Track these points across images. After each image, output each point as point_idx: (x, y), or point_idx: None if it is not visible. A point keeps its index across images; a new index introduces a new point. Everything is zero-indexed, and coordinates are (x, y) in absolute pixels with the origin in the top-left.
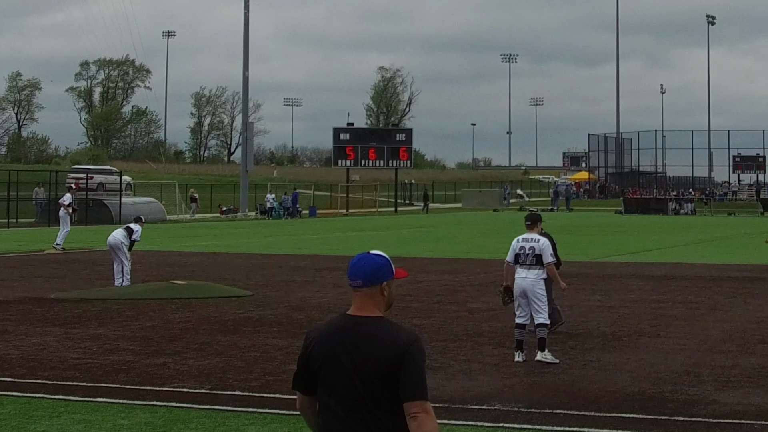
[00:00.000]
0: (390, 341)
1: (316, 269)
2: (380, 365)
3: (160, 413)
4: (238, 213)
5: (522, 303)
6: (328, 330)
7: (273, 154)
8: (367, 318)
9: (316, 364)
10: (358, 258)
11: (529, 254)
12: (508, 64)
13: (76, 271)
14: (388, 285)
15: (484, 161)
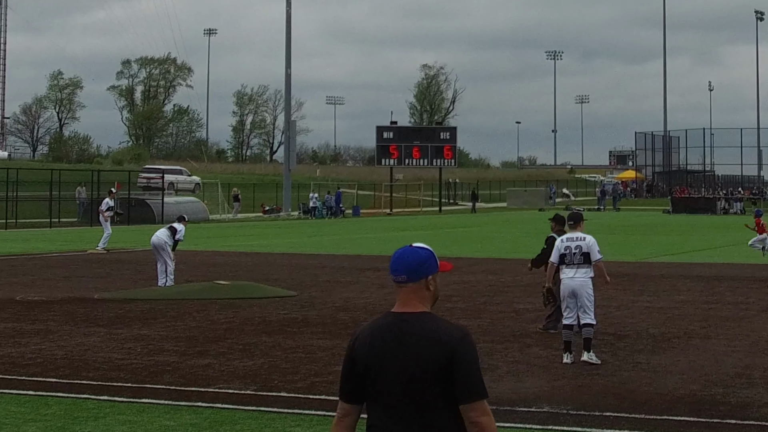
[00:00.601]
0: (438, 338)
1: (360, 269)
2: (429, 364)
3: (206, 414)
4: (281, 212)
5: (570, 304)
6: (372, 329)
7: (315, 153)
8: (412, 314)
9: (361, 367)
10: (401, 251)
11: (576, 253)
12: (553, 61)
13: (119, 271)
14: (433, 278)
15: (529, 160)
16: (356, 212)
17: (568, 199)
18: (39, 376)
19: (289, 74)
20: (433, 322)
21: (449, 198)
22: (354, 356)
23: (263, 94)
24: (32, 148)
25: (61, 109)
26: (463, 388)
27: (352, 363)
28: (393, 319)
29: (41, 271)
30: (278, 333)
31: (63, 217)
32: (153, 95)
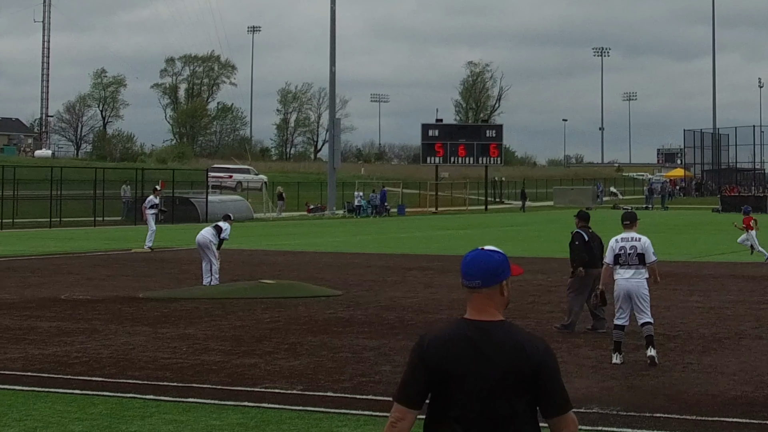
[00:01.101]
0: (523, 350)
1: (405, 269)
2: (512, 377)
3: (252, 414)
4: (325, 211)
5: (624, 305)
6: (449, 337)
7: (360, 151)
8: (490, 323)
9: (436, 376)
10: (473, 255)
11: (631, 254)
12: (600, 57)
13: (163, 269)
14: (507, 283)
15: (575, 158)
16: (401, 211)
17: (616, 198)
18: (85, 375)
19: (333, 72)
20: (515, 333)
21: (495, 196)
22: (427, 361)
23: (307, 92)
24: (76, 147)
25: (105, 107)
26: (551, 402)
27: (424, 368)
28: (471, 328)
29: (86, 270)
30: (324, 332)
31: (107, 215)
32: (197, 93)
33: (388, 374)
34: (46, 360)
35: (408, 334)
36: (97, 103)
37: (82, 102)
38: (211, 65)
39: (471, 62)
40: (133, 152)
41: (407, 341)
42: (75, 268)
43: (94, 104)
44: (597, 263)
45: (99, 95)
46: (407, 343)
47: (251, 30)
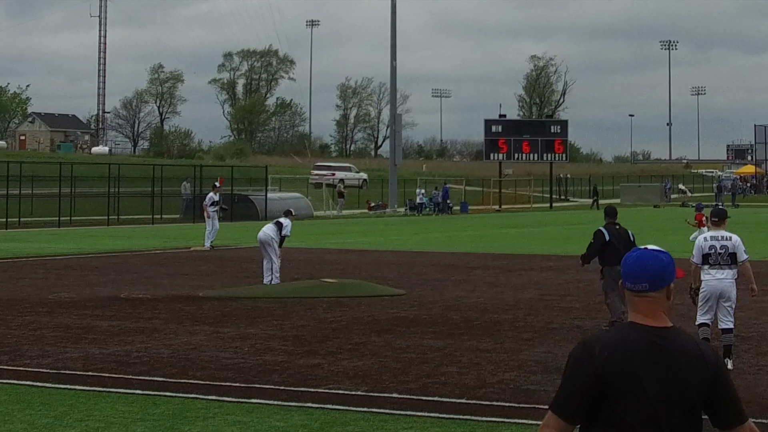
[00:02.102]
0: (703, 360)
1: (469, 267)
2: (694, 389)
3: (316, 415)
4: (386, 209)
5: (711, 305)
6: (622, 343)
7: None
8: (664, 330)
9: (608, 386)
10: (638, 255)
11: (722, 253)
12: (667, 51)
13: (223, 268)
14: (673, 287)
15: (642, 154)
16: (464, 208)
17: (684, 195)
18: (146, 375)
19: (394, 66)
20: (688, 340)
21: (560, 194)
22: (600, 371)
23: (367, 87)
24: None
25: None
26: (731, 412)
27: (596, 379)
28: (645, 335)
29: (145, 269)
30: (388, 332)
31: (165, 213)
32: (255, 89)
33: (453, 375)
34: (106, 359)
35: (473, 335)
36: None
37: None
38: (269, 60)
39: (534, 56)
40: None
41: (473, 342)
42: (134, 267)
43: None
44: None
45: (156, 91)
46: (473, 343)
47: (310, 24)
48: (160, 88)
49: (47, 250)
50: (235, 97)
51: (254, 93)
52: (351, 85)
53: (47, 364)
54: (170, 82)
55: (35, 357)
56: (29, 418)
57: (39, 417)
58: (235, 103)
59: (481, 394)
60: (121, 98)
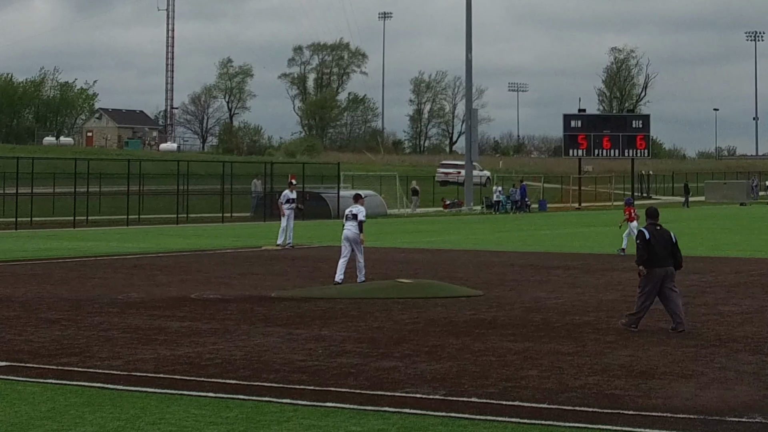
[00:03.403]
0: None
1: (549, 267)
2: None
3: (393, 420)
4: (462, 207)
5: None
6: None
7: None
8: None
9: None
10: None
11: None
12: (753, 42)
13: (295, 268)
14: None
15: (728, 150)
16: (542, 206)
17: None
18: (218, 378)
19: (469, 59)
20: None
21: (642, 191)
22: None
23: (441, 81)
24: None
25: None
26: None
27: None
28: None
29: (215, 268)
30: (466, 335)
31: (235, 211)
32: (326, 83)
33: (534, 379)
34: (177, 361)
35: (554, 337)
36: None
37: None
38: (340, 53)
39: (615, 48)
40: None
41: (554, 344)
42: (204, 266)
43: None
44: (661, 261)
45: (225, 86)
46: (554, 346)
47: (382, 16)
48: (229, 83)
49: (115, 249)
50: (306, 92)
51: (325, 88)
52: (425, 79)
53: (118, 365)
54: (239, 76)
55: (105, 358)
56: (100, 420)
57: (110, 420)
58: (305, 98)
59: (563, 398)
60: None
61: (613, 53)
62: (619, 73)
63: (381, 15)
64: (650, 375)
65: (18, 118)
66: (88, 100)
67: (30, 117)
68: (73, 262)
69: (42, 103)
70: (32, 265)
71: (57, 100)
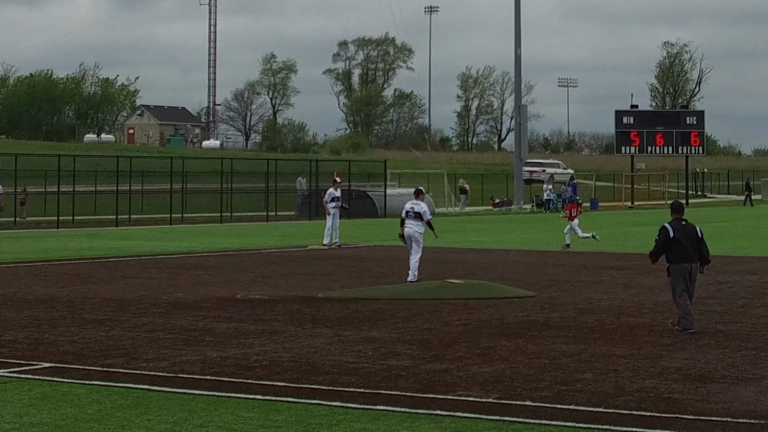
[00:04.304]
0: None
1: (602, 268)
2: None
3: (446, 423)
4: (512, 205)
5: None
6: None
7: (548, 141)
8: None
9: None
10: None
11: None
12: None
13: (342, 268)
14: None
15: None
16: (594, 205)
17: None
18: (266, 380)
19: (518, 54)
20: None
21: (696, 189)
22: None
23: (489, 77)
24: (245, 137)
25: (275, 94)
26: None
27: None
28: None
29: (260, 268)
30: (518, 336)
31: (280, 210)
32: (371, 79)
33: (589, 382)
34: (224, 363)
35: (609, 340)
36: (266, 91)
37: (251, 89)
38: (386, 49)
39: (667, 43)
40: (305, 142)
41: (608, 347)
42: (249, 266)
43: (264, 91)
44: (688, 257)
45: (268, 82)
46: (609, 348)
47: (428, 10)
48: (273, 79)
49: (159, 248)
50: (351, 88)
51: (371, 84)
52: (472, 74)
53: (164, 367)
54: (283, 72)
55: (151, 360)
56: (147, 423)
57: (157, 422)
58: (350, 95)
59: (619, 402)
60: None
61: (666, 48)
62: (672, 68)
63: (427, 9)
64: (709, 378)
65: (59, 115)
66: (129, 96)
67: (71, 114)
68: (116, 262)
69: (83, 99)
70: (75, 264)
71: (98, 97)
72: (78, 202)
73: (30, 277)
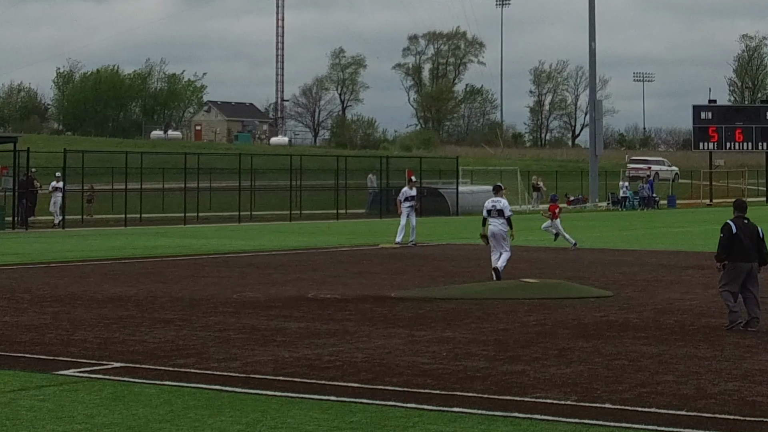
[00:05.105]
0: None
1: (681, 267)
2: None
3: (523, 426)
4: (587, 203)
5: None
6: None
7: (623, 137)
8: None
9: None
10: None
11: None
12: None
13: (415, 266)
14: None
15: None
16: (671, 203)
17: None
18: (339, 381)
19: (593, 48)
20: None
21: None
22: None
23: (563, 71)
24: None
25: (343, 90)
26: None
27: None
28: None
29: (331, 267)
30: (596, 337)
31: (349, 207)
32: (442, 74)
33: (670, 385)
34: (297, 363)
35: (690, 341)
36: (335, 86)
37: (319, 85)
38: (457, 43)
39: (745, 36)
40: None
41: (689, 348)
42: (320, 265)
43: (332, 87)
44: (747, 256)
45: (337, 77)
46: (690, 350)
47: (500, 3)
48: (341, 74)
49: (227, 246)
50: (421, 83)
51: (441, 78)
52: (545, 69)
53: (235, 367)
54: (352, 67)
55: (222, 360)
56: (220, 424)
57: (230, 424)
58: (420, 90)
59: (701, 405)
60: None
61: (744, 41)
62: (750, 62)
63: (499, 2)
64: None
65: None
66: (196, 92)
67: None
68: (185, 261)
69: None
70: (143, 263)
71: (164, 93)
72: (145, 200)
73: (99, 276)
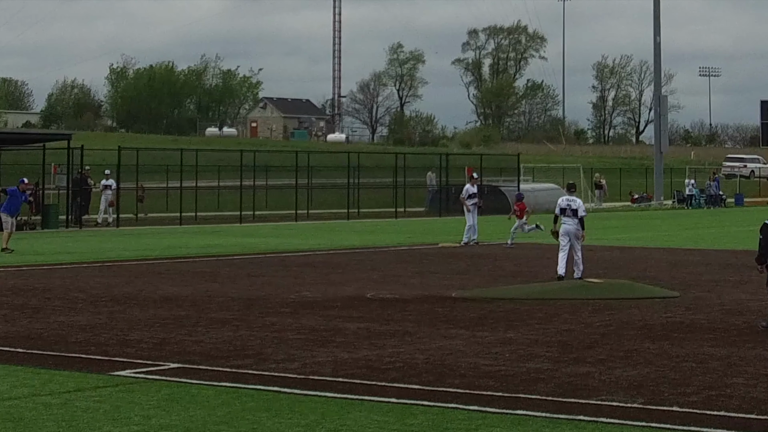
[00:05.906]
0: None
1: (749, 267)
2: None
3: (589, 429)
4: (651, 201)
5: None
6: None
7: (688, 133)
8: None
9: None
10: None
11: None
12: None
13: (475, 266)
14: None
15: None
16: (739, 201)
17: None
18: (400, 382)
19: (658, 42)
20: None
21: None
22: None
23: (626, 66)
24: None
25: (402, 86)
26: None
27: None
28: None
29: (390, 266)
30: (663, 339)
31: (408, 206)
32: (502, 69)
33: (740, 387)
34: (356, 365)
35: (759, 342)
36: (393, 82)
37: (377, 80)
38: (517, 37)
39: None
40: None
41: (759, 350)
42: (378, 264)
43: (390, 83)
44: None
45: (395, 73)
46: (760, 352)
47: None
48: (400, 70)
49: (284, 245)
50: (481, 79)
51: (502, 74)
52: (608, 63)
53: (294, 368)
54: (410, 62)
55: (281, 361)
56: (279, 426)
57: (289, 426)
58: (480, 86)
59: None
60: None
61: None
62: None
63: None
64: None
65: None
66: (251, 88)
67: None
68: (241, 260)
69: (204, 92)
70: (198, 262)
71: (219, 89)
72: (200, 198)
73: (153, 275)
